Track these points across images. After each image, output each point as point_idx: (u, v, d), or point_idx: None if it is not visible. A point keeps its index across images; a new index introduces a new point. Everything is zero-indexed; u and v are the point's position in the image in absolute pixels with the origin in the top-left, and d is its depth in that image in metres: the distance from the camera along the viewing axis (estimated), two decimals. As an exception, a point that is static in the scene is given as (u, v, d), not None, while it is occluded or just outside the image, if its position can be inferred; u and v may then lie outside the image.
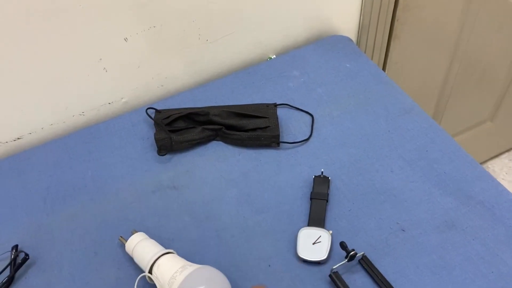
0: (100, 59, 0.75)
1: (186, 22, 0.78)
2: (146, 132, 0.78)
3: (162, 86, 0.85)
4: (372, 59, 1.04)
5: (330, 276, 0.58)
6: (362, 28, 0.96)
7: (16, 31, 0.66)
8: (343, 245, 0.58)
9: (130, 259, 0.63)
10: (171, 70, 0.83)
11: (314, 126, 0.76)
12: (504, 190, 0.66)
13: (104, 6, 0.69)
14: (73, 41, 0.71)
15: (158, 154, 0.74)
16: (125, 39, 0.75)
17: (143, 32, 0.75)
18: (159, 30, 0.76)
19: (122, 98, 0.83)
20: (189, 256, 0.62)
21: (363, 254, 0.60)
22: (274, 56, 0.92)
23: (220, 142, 0.76)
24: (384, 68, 1.10)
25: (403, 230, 0.63)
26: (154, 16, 0.74)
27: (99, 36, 0.72)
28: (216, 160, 0.72)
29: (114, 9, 0.70)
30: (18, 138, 0.79)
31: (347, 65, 0.86)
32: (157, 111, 0.77)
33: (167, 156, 0.74)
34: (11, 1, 0.63)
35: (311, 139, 0.75)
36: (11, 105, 0.74)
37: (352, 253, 0.57)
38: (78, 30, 0.70)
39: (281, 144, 0.74)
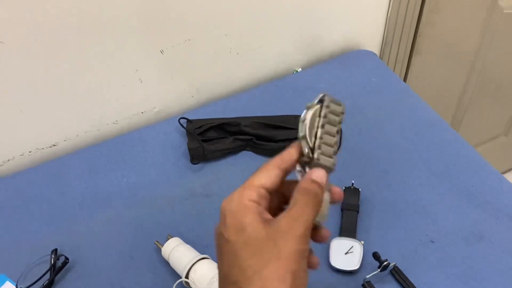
0: (137, 70, 0.78)
1: (219, 36, 0.80)
2: (178, 141, 0.80)
3: (193, 96, 0.87)
4: (394, 71, 1.06)
5: (363, 285, 0.59)
6: (385, 43, 0.99)
7: (58, 42, 0.69)
8: (376, 256, 0.60)
9: (165, 264, 0.64)
10: (203, 81, 0.86)
11: (343, 138, 0.78)
12: (531, 204, 0.67)
13: (143, 20, 0.72)
14: (112, 52, 0.74)
15: (191, 163, 0.76)
16: (161, 51, 0.77)
17: (178, 45, 0.78)
18: (194, 43, 0.79)
19: (154, 108, 0.85)
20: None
21: (395, 264, 0.61)
22: (300, 69, 0.94)
23: (251, 152, 0.78)
24: (404, 81, 1.12)
25: (432, 242, 0.64)
26: (189, 30, 0.77)
27: (137, 49, 0.75)
28: (246, 170, 0.74)
29: (152, 22, 0.73)
30: (54, 145, 0.81)
31: (373, 79, 0.88)
32: (188, 120, 0.80)
33: (199, 165, 0.76)
34: (58, 15, 0.66)
35: (340, 151, 0.77)
36: (48, 113, 0.77)
37: (385, 263, 0.59)
38: (118, 43, 0.73)
39: (310, 155, 0.76)
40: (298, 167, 0.40)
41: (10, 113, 0.73)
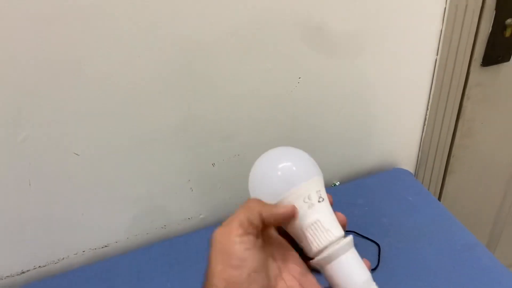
0: (189, 180, 0.85)
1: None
2: (222, 248, 0.84)
3: (236, 204, 0.92)
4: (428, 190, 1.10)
5: None
6: (420, 163, 1.04)
7: (121, 155, 0.77)
8: None
9: None
10: (248, 190, 0.92)
11: (381, 256, 0.80)
12: None
13: (200, 137, 0.80)
14: (169, 163, 0.81)
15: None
16: (213, 164, 0.85)
17: (228, 159, 0.85)
18: (243, 158, 0.86)
19: (200, 215, 0.91)
20: None
21: None
22: (338, 183, 0.99)
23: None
24: (439, 199, 1.15)
25: None
26: (239, 147, 0.85)
27: (191, 161, 0.83)
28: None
29: (208, 140, 0.81)
30: (105, 246, 0.86)
31: (409, 198, 0.92)
32: (232, 229, 0.84)
33: (241, 274, 0.79)
34: (124, 135, 0.75)
35: (378, 269, 0.79)
36: (104, 216, 0.83)
37: None
38: (175, 157, 0.81)
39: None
40: None
41: (73, 215, 0.80)
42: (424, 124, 0.99)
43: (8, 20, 0.60)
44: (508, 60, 0.97)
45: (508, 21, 0.89)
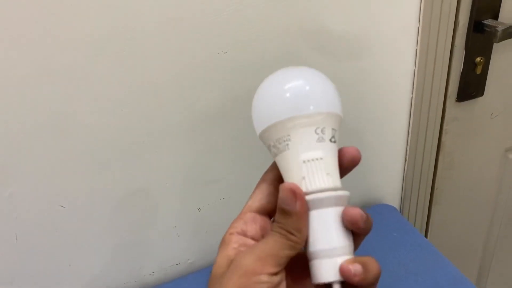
0: (175, 226, 0.86)
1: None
2: (210, 293, 0.84)
3: (224, 248, 0.93)
4: (414, 224, 1.11)
5: None
6: (404, 198, 1.06)
7: (112, 206, 0.78)
8: None
9: None
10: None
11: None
12: None
13: (182, 183, 0.82)
14: (154, 212, 0.83)
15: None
16: (198, 209, 0.86)
17: (214, 203, 0.87)
18: (227, 201, 0.88)
19: (188, 260, 0.91)
20: None
21: None
22: (325, 221, 1.00)
23: None
24: (426, 232, 1.16)
25: None
26: (224, 190, 0.86)
27: (177, 207, 0.84)
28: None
29: (190, 185, 0.83)
30: (94, 295, 0.86)
31: (394, 234, 0.93)
32: (220, 273, 0.85)
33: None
34: (110, 188, 0.77)
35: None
36: (90, 265, 0.84)
37: None
38: (160, 204, 0.82)
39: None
40: None
41: (60, 267, 0.81)
42: (405, 160, 1.01)
43: (-7, 82, 0.63)
44: (481, 95, 1.00)
45: (477, 59, 0.93)
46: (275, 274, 0.34)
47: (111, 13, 0.64)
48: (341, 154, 0.40)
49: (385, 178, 1.03)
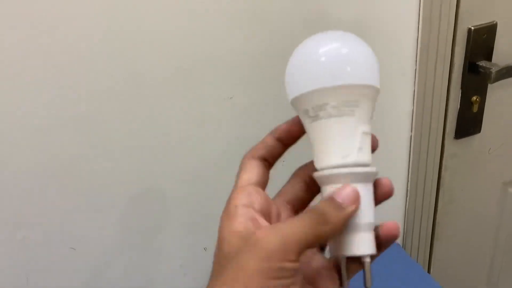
0: (181, 265, 0.87)
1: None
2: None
3: None
4: (417, 259, 1.12)
5: None
6: (406, 233, 1.07)
7: (118, 249, 0.80)
8: None
9: None
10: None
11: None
12: None
13: (190, 222, 0.84)
14: (161, 250, 0.84)
15: None
16: (205, 249, 0.88)
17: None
18: (233, 240, 0.89)
19: (195, 299, 0.93)
20: None
21: None
22: (328, 257, 1.02)
23: None
24: (429, 267, 1.17)
25: None
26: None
27: (182, 247, 0.86)
28: None
29: (196, 225, 0.85)
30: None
31: (398, 271, 0.94)
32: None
33: None
34: (121, 223, 0.79)
35: None
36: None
37: None
38: (167, 242, 0.84)
39: None
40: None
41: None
42: (406, 196, 1.03)
43: (5, 127, 0.66)
44: (479, 131, 1.03)
45: (474, 98, 0.96)
46: (296, 262, 0.32)
47: (120, 66, 0.68)
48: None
49: (387, 214, 1.04)
